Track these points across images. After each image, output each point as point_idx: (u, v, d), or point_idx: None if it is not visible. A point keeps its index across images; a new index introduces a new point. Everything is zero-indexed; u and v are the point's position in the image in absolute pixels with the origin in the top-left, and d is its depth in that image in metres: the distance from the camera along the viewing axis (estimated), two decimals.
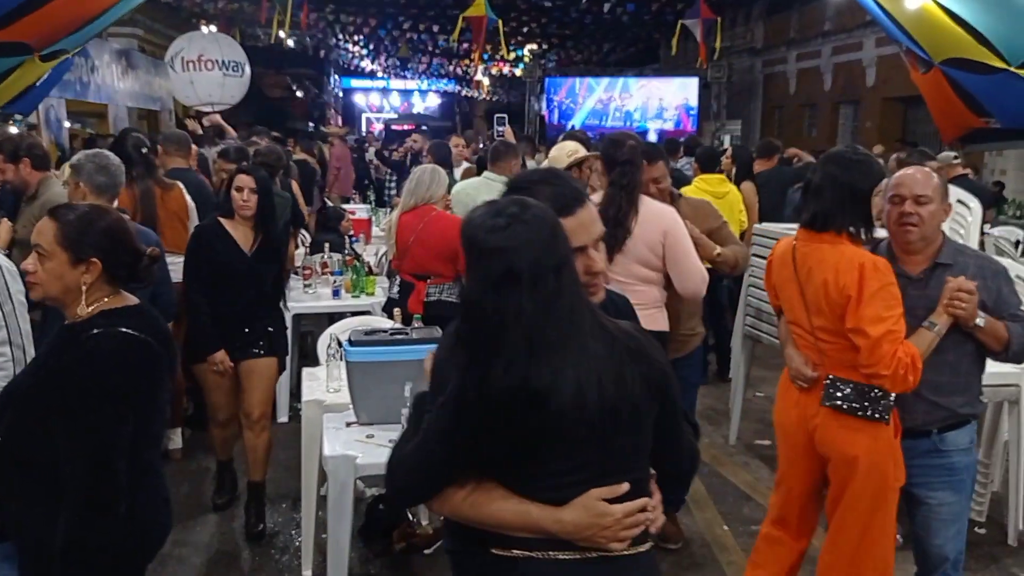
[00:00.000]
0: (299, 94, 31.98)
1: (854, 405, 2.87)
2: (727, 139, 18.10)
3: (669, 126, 22.93)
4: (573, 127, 22.76)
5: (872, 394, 2.84)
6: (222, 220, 4.21)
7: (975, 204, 4.96)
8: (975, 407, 3.05)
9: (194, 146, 6.41)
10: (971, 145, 10.56)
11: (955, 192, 5.08)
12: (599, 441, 1.70)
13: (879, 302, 2.77)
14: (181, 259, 4.34)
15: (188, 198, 5.20)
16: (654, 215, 3.71)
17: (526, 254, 1.61)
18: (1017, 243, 8.87)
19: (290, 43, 22.28)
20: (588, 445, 1.70)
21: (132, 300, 2.27)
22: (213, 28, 15.30)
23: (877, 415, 2.84)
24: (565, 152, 4.86)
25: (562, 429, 1.66)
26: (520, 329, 1.61)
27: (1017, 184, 12.41)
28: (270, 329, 4.33)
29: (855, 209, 2.88)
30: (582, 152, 4.83)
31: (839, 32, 18.46)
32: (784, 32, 21.15)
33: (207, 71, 11.18)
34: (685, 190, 6.57)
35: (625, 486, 1.74)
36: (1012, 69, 8.62)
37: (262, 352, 4.28)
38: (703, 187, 6.77)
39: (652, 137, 19.20)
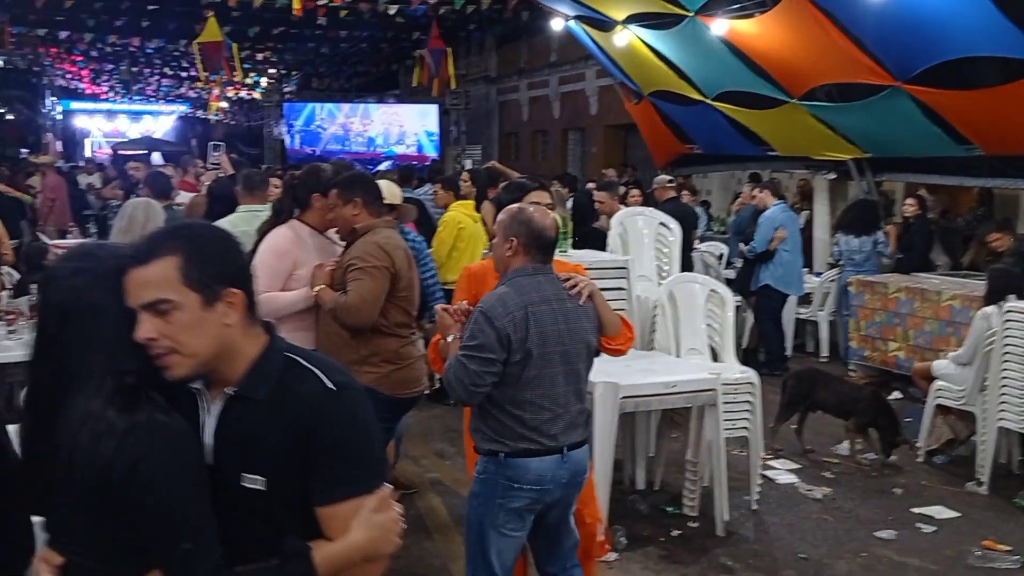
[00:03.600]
0: (9, 117, 29.16)
1: None
2: (468, 163, 18.63)
3: (412, 151, 23.25)
4: (314, 152, 22.51)
5: None
6: None
7: (675, 226, 5.47)
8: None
9: None
10: (679, 169, 11.62)
11: (659, 216, 5.62)
12: None
13: None
14: None
15: None
16: None
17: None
18: (720, 256, 9.82)
19: None
20: None
21: None
22: None
23: None
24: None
25: None
26: None
27: (720, 203, 13.76)
28: None
29: None
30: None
31: (564, 64, 19.59)
32: (515, 62, 22.13)
33: None
34: (450, 214, 6.73)
35: (386, 488, 1.78)
36: (708, 101, 9.62)
37: None
38: (464, 211, 6.91)
39: (383, 165, 19.39)
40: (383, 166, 18.12)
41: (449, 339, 3.04)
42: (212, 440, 1.72)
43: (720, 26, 8.30)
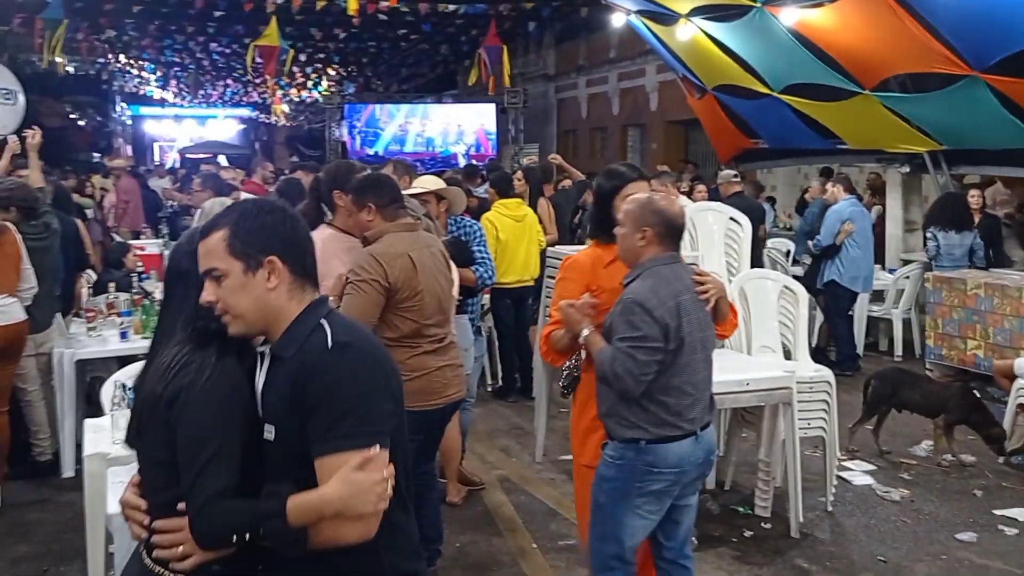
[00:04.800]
0: (81, 123, 30.02)
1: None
2: (525, 161, 18.61)
3: (471, 150, 23.31)
4: (376, 153, 22.72)
5: None
6: None
7: (745, 221, 5.36)
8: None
9: None
10: (744, 164, 11.42)
11: (728, 211, 5.52)
12: None
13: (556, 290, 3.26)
14: (13, 301, 4.73)
15: (21, 241, 4.89)
16: None
17: None
18: (787, 253, 9.64)
19: (70, 69, 20.90)
20: None
21: None
22: None
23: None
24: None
25: None
26: None
27: (785, 199, 13.52)
28: None
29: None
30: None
31: (623, 60, 19.46)
32: (574, 59, 22.05)
33: None
34: (487, 216, 6.74)
35: (375, 449, 1.81)
36: (775, 94, 9.42)
37: None
38: (503, 212, 6.93)
39: (461, 161, 19.49)
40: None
41: (585, 332, 3.03)
42: (260, 394, 1.93)
43: (789, 16, 8.11)
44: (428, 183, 4.93)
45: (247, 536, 1.80)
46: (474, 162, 15.27)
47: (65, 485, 5.14)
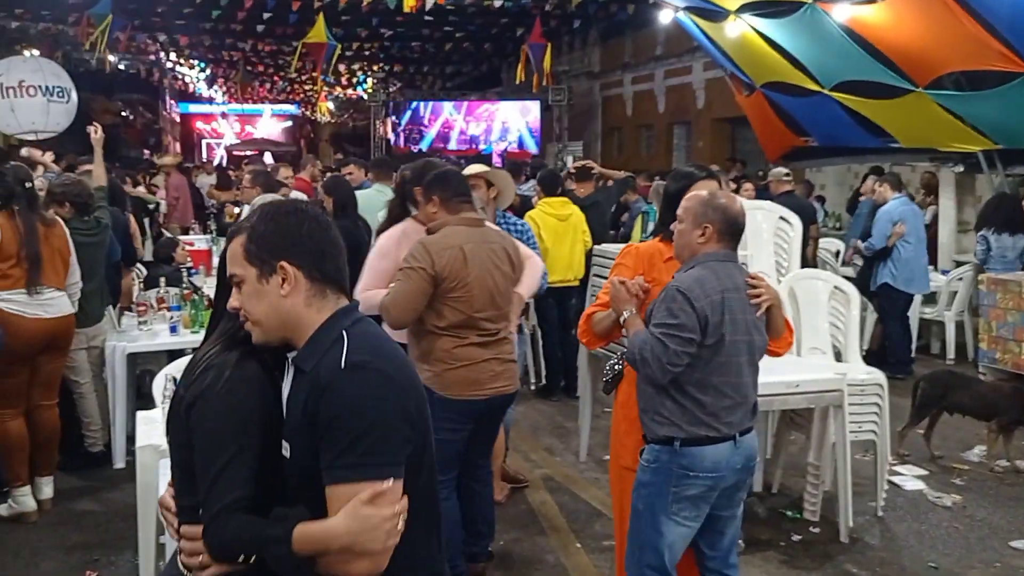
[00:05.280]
0: (132, 120, 30.55)
1: None
2: (569, 160, 18.56)
3: (513, 147, 23.33)
4: (421, 151, 22.83)
5: None
6: None
7: (796, 220, 5.28)
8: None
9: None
10: (793, 163, 11.27)
11: (778, 210, 5.44)
12: None
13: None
14: (61, 294, 4.70)
15: (69, 236, 4.96)
16: None
17: None
18: (837, 253, 9.49)
19: (120, 67, 21.28)
20: None
21: None
22: (36, 52, 14.40)
23: None
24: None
25: None
26: None
27: (835, 199, 13.30)
28: None
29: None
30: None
31: (670, 57, 19.30)
32: (619, 56, 21.92)
33: (29, 97, 10.51)
34: (530, 214, 6.72)
35: (388, 483, 1.72)
36: (826, 92, 9.28)
37: None
38: (548, 210, 6.91)
39: (496, 160, 19.45)
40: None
41: (626, 314, 3.02)
42: (285, 405, 1.85)
43: (841, 13, 7.98)
44: (476, 168, 4.97)
45: (252, 558, 1.74)
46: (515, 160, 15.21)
47: (116, 476, 5.23)
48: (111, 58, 17.32)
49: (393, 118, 24.53)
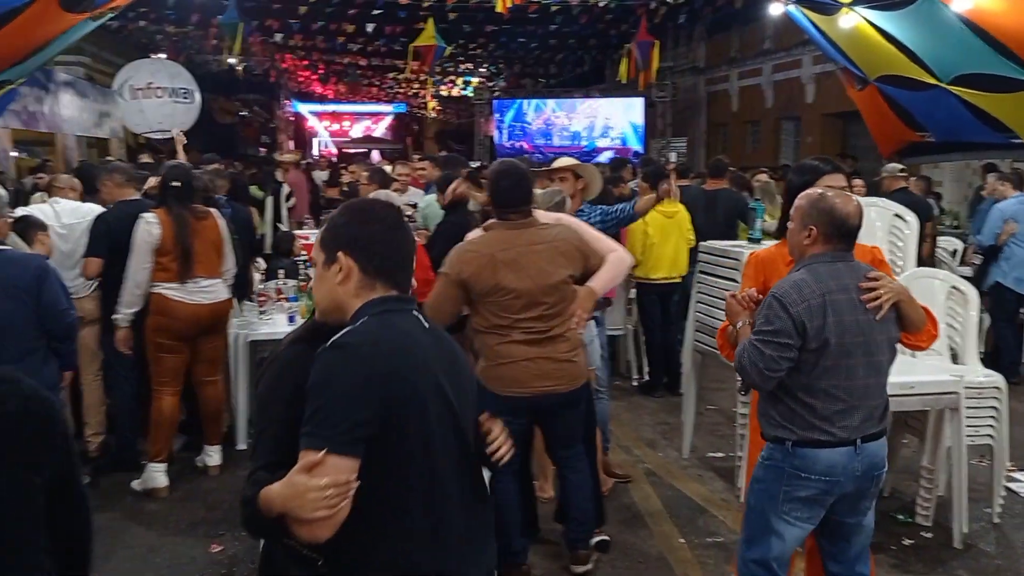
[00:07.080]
0: (250, 119, 31.71)
1: None
2: (673, 156, 18.39)
3: (616, 144, 23.25)
4: (522, 146, 23.00)
5: None
6: None
7: (912, 218, 5.15)
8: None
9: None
10: (908, 158, 10.87)
11: (892, 207, 5.31)
12: None
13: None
14: (217, 281, 5.09)
15: (223, 226, 5.27)
16: None
17: None
18: (954, 252, 9.15)
19: (240, 68, 22.14)
20: None
21: None
22: (162, 55, 15.14)
23: None
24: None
25: None
26: None
27: (953, 195, 12.81)
28: None
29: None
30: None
31: (778, 51, 18.92)
32: (725, 51, 21.60)
33: (156, 98, 11.07)
34: None
35: (321, 454, 1.76)
36: (943, 85, 8.95)
37: None
38: (656, 207, 6.87)
39: (602, 157, 19.42)
40: (602, 157, 18.27)
41: (739, 325, 3.03)
42: None
43: (960, 2, 7.69)
44: (564, 161, 5.05)
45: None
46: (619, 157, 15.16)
47: (239, 456, 5.51)
48: (231, 60, 18.01)
49: (497, 115, 24.76)
